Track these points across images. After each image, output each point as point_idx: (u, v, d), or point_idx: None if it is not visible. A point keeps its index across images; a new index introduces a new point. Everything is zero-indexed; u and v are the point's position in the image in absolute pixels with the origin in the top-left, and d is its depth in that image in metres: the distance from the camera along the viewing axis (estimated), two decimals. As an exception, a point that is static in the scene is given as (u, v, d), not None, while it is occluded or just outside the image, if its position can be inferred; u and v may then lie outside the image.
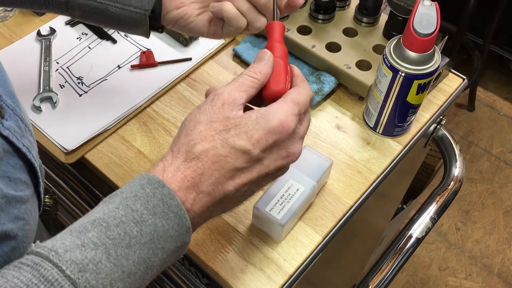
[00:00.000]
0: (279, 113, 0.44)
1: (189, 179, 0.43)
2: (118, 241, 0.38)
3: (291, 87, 0.49)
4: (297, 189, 0.63)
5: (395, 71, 0.65)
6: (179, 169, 0.43)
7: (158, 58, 0.83)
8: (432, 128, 0.82)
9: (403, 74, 0.65)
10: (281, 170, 0.47)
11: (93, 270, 0.37)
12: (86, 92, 0.79)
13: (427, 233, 0.74)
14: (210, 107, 0.45)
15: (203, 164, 0.43)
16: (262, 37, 0.86)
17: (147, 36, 0.64)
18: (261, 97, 0.48)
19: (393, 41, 0.67)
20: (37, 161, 0.48)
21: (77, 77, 0.81)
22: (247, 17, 0.57)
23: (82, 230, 0.39)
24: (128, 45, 0.86)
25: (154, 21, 0.62)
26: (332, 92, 0.80)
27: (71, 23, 0.89)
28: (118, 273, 0.38)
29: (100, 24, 0.64)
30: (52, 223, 0.86)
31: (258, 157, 0.44)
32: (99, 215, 0.40)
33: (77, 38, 0.87)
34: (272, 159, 0.45)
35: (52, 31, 0.86)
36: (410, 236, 0.74)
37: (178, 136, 0.45)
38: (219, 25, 0.61)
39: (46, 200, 0.88)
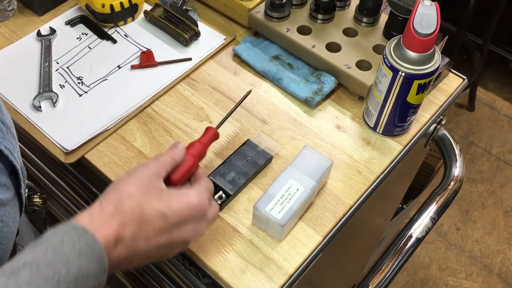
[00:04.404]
0: (198, 194, 0.53)
1: (114, 229, 0.47)
2: (48, 279, 0.41)
3: (190, 177, 0.59)
4: (297, 189, 0.63)
5: (395, 71, 0.65)
6: (107, 219, 0.48)
7: (158, 58, 0.83)
8: (432, 128, 0.82)
9: (403, 74, 0.65)
10: (183, 244, 0.53)
11: None
12: (86, 92, 0.79)
13: (427, 233, 0.74)
14: (139, 174, 0.52)
15: (127, 218, 0.48)
16: (262, 36, 0.86)
17: None
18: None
19: (393, 41, 0.67)
20: (19, 163, 0.48)
21: (77, 77, 0.81)
22: None
23: (14, 272, 0.41)
24: (128, 45, 0.86)
25: None
26: (332, 92, 0.80)
27: (71, 23, 0.89)
28: None
29: None
30: (41, 222, 0.86)
31: (173, 225, 0.51)
32: (28, 258, 0.42)
33: (77, 38, 0.87)
34: (181, 231, 0.52)
35: (52, 31, 0.86)
36: (410, 236, 0.74)
37: (107, 193, 0.51)
38: None
39: (35, 200, 0.88)
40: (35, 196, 0.88)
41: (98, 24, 0.88)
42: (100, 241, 0.46)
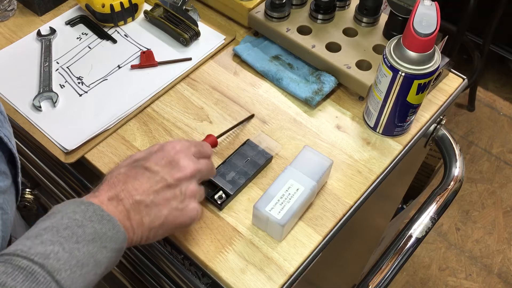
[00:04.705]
0: (172, 141, 0.59)
1: (104, 195, 0.53)
2: (68, 238, 0.47)
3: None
4: (297, 189, 0.63)
5: (395, 71, 0.65)
6: (97, 192, 0.54)
7: (158, 58, 0.83)
8: (432, 128, 0.82)
9: (403, 74, 0.65)
10: (182, 183, 0.56)
11: (55, 257, 0.44)
12: (86, 92, 0.79)
13: (427, 233, 0.74)
14: (126, 160, 0.58)
15: (112, 182, 0.54)
16: (262, 36, 0.86)
17: None
18: None
19: (393, 41, 0.67)
20: (16, 151, 0.49)
21: (77, 77, 0.81)
22: None
23: (37, 235, 0.46)
24: (128, 45, 0.86)
25: None
26: (332, 92, 0.80)
27: (71, 23, 0.89)
28: (73, 262, 0.46)
29: None
30: (34, 218, 0.86)
31: (156, 171, 0.55)
32: (46, 225, 0.47)
33: (77, 38, 0.87)
34: (168, 173, 0.56)
35: (52, 31, 0.86)
36: (410, 236, 0.74)
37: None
38: None
39: (27, 196, 0.88)
40: (27, 192, 0.89)
41: (98, 24, 0.88)
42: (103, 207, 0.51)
